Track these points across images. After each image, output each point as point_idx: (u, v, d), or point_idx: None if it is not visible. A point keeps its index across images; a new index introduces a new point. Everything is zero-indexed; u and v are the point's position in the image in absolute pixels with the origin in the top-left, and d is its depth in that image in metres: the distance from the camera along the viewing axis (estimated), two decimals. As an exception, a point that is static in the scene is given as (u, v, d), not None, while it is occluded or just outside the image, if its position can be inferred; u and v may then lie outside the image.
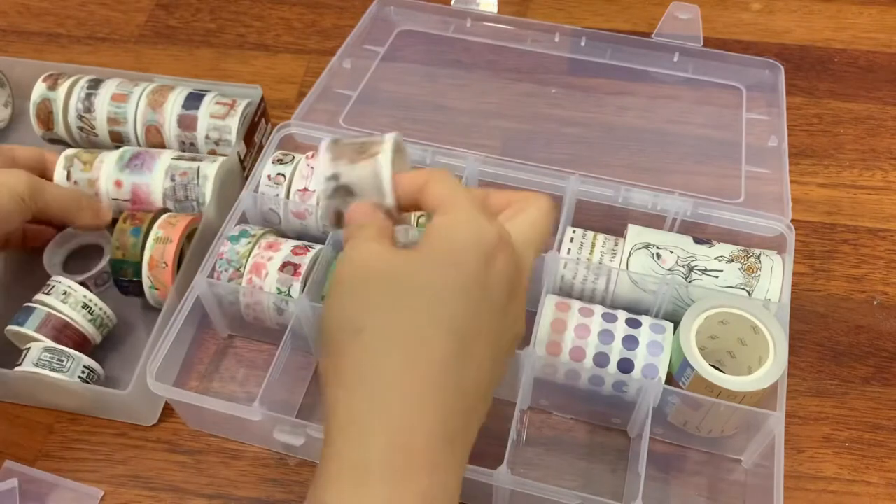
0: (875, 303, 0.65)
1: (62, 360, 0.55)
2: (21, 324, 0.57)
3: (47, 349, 0.56)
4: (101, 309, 0.59)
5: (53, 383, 0.55)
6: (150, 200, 0.64)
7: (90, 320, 0.58)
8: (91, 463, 0.56)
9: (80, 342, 0.58)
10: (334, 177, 0.42)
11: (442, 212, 0.40)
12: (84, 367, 0.56)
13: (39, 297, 0.58)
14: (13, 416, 0.58)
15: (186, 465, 0.56)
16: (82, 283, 0.60)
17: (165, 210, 0.62)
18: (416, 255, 0.38)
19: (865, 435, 0.57)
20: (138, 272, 0.59)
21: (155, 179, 0.63)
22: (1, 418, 0.58)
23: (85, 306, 0.58)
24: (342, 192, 0.43)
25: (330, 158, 0.43)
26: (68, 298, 0.58)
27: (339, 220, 0.43)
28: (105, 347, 0.61)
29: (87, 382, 0.56)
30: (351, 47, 0.79)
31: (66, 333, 0.57)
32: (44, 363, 0.55)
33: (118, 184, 0.64)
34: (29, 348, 0.56)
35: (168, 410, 0.58)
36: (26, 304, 0.58)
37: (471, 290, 0.37)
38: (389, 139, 0.43)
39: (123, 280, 0.59)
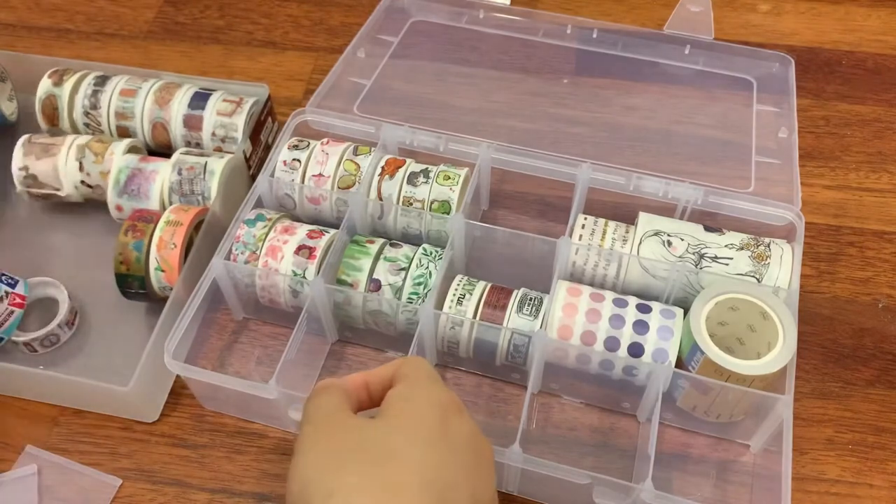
0: (880, 305, 0.64)
1: None
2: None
3: None
4: None
5: (54, 378, 0.56)
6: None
7: None
8: (95, 456, 0.56)
9: None
10: None
11: (399, 381, 0.42)
12: None
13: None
14: (18, 408, 0.59)
15: (190, 459, 0.56)
16: (26, 344, 0.60)
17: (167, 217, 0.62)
18: (380, 421, 0.40)
19: (869, 438, 0.57)
20: (143, 285, 0.59)
21: (152, 205, 0.64)
22: (6, 411, 0.58)
23: None
24: None
25: None
26: None
27: None
28: (106, 345, 0.61)
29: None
30: (365, 37, 0.79)
31: None
32: None
33: (119, 208, 0.65)
34: None
35: (170, 406, 0.59)
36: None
37: (435, 443, 0.38)
38: None
39: (129, 291, 0.60)
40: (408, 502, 0.36)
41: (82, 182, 0.66)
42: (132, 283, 0.59)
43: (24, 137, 0.67)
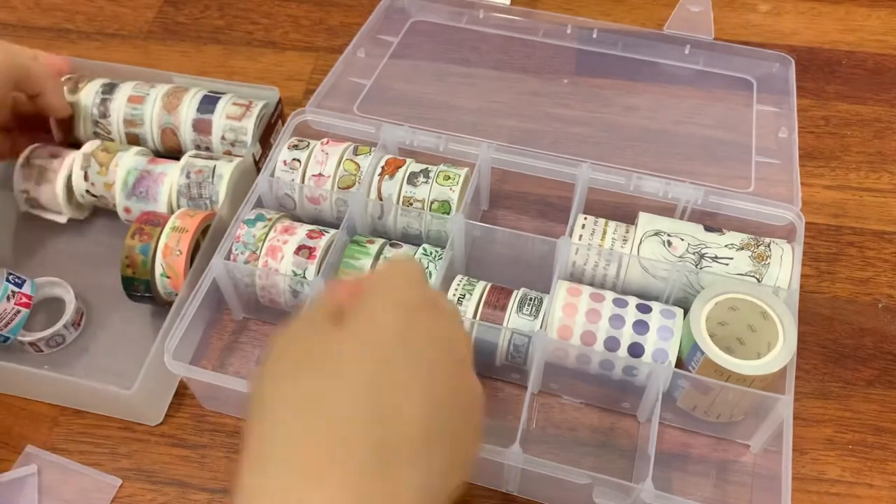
0: (880, 306, 0.65)
1: None
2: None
3: None
4: None
5: (58, 379, 0.56)
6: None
7: None
8: (95, 456, 0.56)
9: None
10: None
11: (372, 284, 0.39)
12: None
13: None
14: (18, 408, 0.59)
15: (191, 459, 0.56)
16: (32, 344, 0.60)
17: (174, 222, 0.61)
18: (339, 328, 0.37)
19: (869, 438, 0.57)
20: (149, 288, 0.59)
21: (160, 208, 0.64)
22: (6, 411, 0.58)
23: None
24: None
25: None
26: None
27: None
28: (112, 347, 0.61)
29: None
30: (365, 37, 0.80)
31: None
32: None
33: (127, 210, 0.65)
34: None
35: (171, 406, 0.59)
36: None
37: (386, 344, 0.36)
38: None
39: (135, 294, 0.60)
40: (335, 411, 0.33)
41: (87, 192, 0.66)
42: (138, 286, 0.59)
43: (22, 158, 0.66)
